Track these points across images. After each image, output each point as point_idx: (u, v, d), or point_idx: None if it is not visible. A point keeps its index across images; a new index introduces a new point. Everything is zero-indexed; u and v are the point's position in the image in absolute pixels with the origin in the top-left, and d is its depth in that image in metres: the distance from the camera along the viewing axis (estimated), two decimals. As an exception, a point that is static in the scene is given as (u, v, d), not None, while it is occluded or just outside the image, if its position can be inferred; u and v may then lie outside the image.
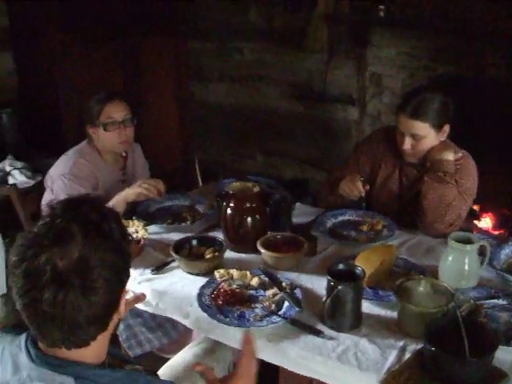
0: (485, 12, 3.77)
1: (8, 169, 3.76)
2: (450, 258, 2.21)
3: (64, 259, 1.28)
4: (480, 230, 3.67)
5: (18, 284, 1.30)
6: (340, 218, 2.85)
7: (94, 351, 1.42)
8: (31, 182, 3.64)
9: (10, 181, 3.63)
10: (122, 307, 1.44)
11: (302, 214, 2.93)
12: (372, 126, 4.50)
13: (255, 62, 5.15)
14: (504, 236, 3.60)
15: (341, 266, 2.08)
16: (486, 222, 4.01)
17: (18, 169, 3.75)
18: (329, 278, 1.99)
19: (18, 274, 1.29)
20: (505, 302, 2.11)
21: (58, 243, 1.29)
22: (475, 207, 3.80)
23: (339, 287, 1.95)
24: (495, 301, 2.12)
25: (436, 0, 3.96)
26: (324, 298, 2.03)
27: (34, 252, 1.29)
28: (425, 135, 2.69)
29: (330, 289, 1.99)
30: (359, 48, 4.45)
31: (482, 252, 2.27)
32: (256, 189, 2.58)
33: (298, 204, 2.97)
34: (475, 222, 3.87)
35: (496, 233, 3.88)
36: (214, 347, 2.32)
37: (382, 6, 4.13)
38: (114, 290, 1.37)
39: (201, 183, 4.95)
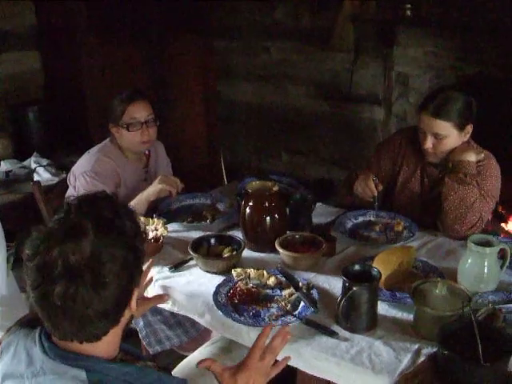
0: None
1: (33, 166, 3.81)
2: (469, 261, 2.17)
3: (76, 254, 1.30)
4: (507, 233, 3.62)
5: (30, 277, 1.33)
6: (360, 219, 2.83)
7: (106, 346, 1.44)
8: (55, 179, 3.68)
9: (35, 178, 3.66)
10: (134, 304, 1.45)
11: (322, 214, 2.91)
12: (398, 127, 4.44)
13: (282, 61, 5.15)
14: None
15: (356, 267, 2.06)
16: (513, 225, 3.95)
17: (43, 166, 3.79)
18: (344, 278, 1.98)
19: (31, 268, 1.32)
20: (524, 307, 2.07)
21: (70, 238, 1.31)
22: (502, 210, 3.74)
23: (354, 288, 1.93)
24: (514, 305, 2.08)
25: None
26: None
27: (47, 246, 1.31)
28: (447, 135, 2.65)
29: (345, 290, 1.98)
30: (386, 47, 4.42)
31: (502, 255, 2.23)
32: (275, 188, 2.56)
33: (318, 204, 2.94)
34: (502, 224, 3.81)
35: (524, 235, 3.81)
36: (230, 346, 2.31)
37: (408, 5, 4.10)
38: (124, 285, 1.38)
39: (225, 178, 4.95)
